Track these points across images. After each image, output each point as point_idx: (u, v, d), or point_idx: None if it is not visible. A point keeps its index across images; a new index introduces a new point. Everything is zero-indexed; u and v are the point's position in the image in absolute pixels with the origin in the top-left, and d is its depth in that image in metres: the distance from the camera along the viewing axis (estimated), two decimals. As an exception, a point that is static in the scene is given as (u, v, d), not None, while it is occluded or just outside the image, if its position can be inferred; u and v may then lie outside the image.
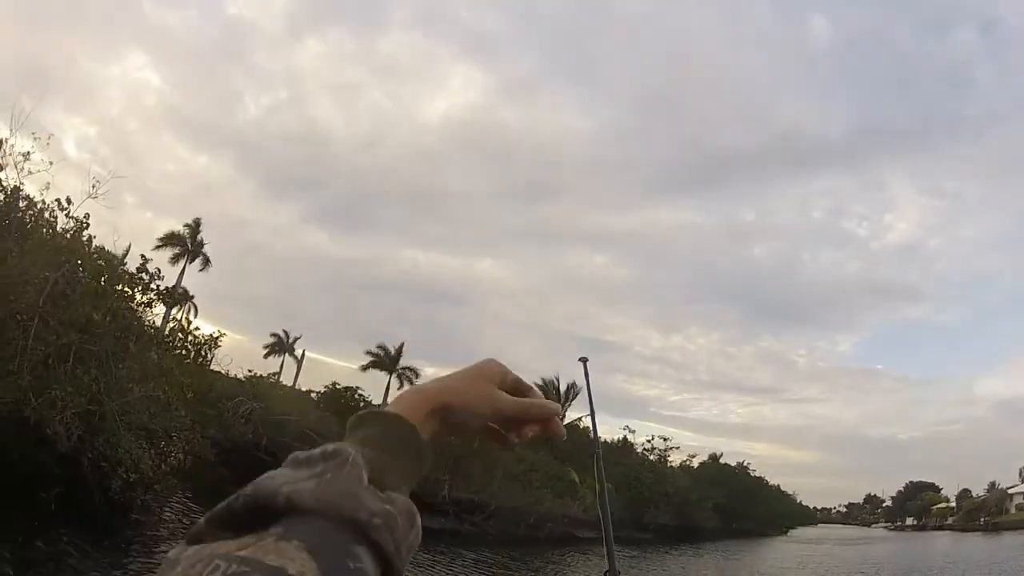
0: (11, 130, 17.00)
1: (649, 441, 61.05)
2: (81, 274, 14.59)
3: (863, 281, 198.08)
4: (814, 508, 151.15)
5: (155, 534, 14.82)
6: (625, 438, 59.39)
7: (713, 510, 54.51)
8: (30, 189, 16.78)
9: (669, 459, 60.42)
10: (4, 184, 16.99)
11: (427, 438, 0.79)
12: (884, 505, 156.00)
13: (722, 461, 70.49)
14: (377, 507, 0.62)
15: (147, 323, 17.69)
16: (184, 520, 16.67)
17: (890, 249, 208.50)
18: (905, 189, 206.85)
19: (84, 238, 15.53)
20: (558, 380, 50.81)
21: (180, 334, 20.45)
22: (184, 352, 20.72)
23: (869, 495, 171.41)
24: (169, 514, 16.80)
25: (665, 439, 61.93)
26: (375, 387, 53.99)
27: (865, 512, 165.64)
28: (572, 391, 49.62)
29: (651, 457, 58.18)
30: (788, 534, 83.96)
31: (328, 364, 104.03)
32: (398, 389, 55.73)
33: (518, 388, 0.92)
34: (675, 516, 49.03)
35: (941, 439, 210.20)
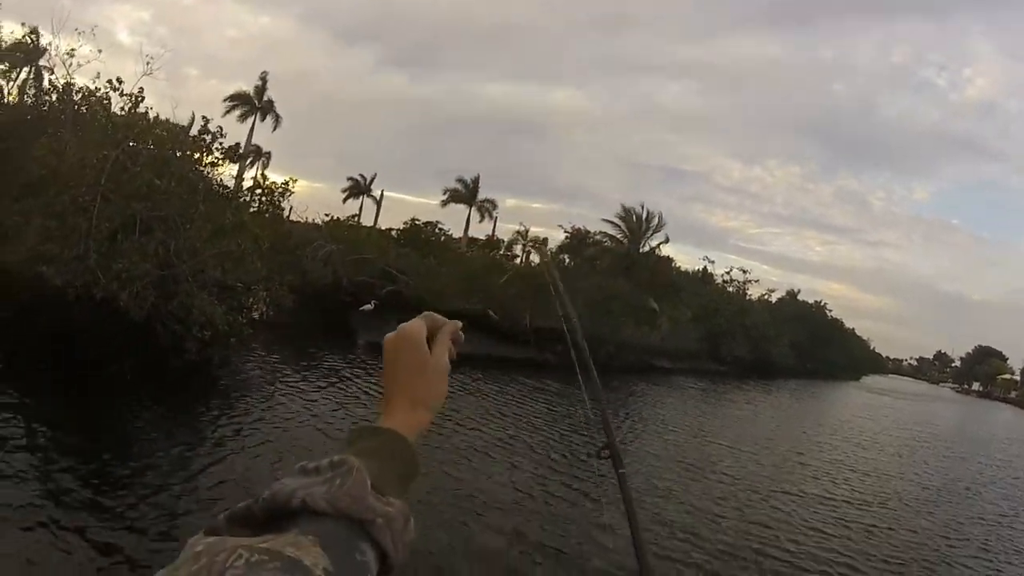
0: (54, 32, 17.53)
1: (728, 273, 60.53)
2: (140, 146, 14.93)
3: (940, 131, 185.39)
4: (886, 357, 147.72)
5: (236, 387, 15.42)
6: (704, 268, 58.80)
7: (789, 347, 53.83)
8: (82, 81, 17.37)
9: (747, 292, 59.80)
10: (55, 83, 17.67)
11: (415, 436, 0.94)
12: (953, 365, 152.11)
13: (800, 299, 69.06)
14: (380, 510, 0.73)
15: (216, 182, 18.12)
16: (266, 369, 17.39)
17: (969, 103, 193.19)
18: (986, 46, 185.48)
19: (141, 111, 15.84)
20: (643, 206, 49.98)
21: (256, 189, 21.21)
22: (259, 204, 21.54)
23: (939, 352, 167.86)
24: (251, 365, 17.34)
25: (744, 271, 61.13)
26: (455, 221, 54.71)
27: (935, 369, 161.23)
28: (651, 220, 49.36)
29: (729, 289, 57.71)
30: (860, 380, 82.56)
31: (407, 202, 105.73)
32: (479, 222, 56.49)
33: (433, 325, 1.08)
34: (751, 350, 48.64)
35: (1012, 307, 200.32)
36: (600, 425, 2.61)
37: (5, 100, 18.21)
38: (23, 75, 21.79)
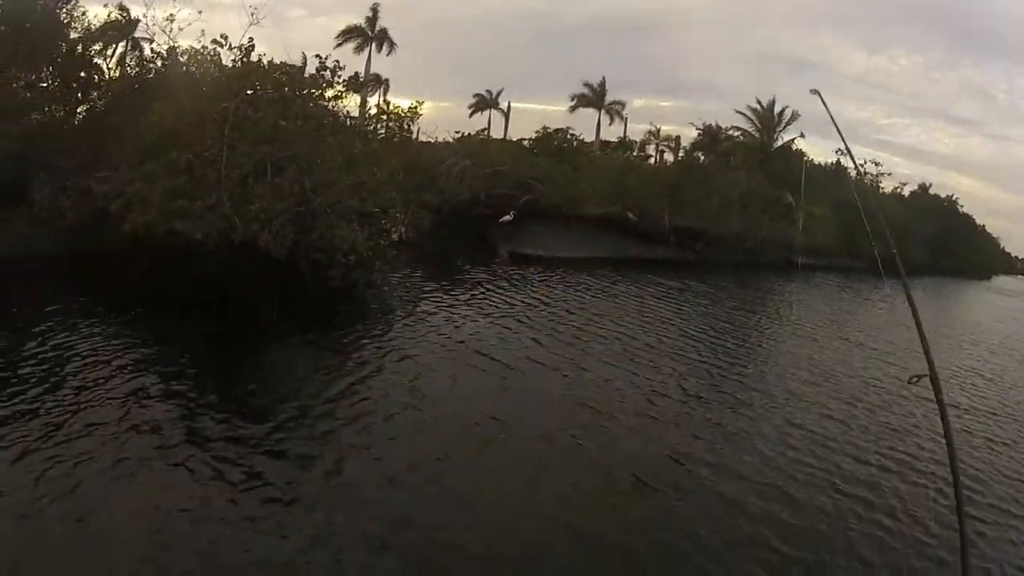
0: (146, 3, 18.19)
1: (861, 166, 56.66)
2: (260, 92, 15.31)
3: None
4: (1016, 258, 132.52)
5: (382, 309, 16.01)
6: (838, 161, 55.39)
7: (922, 243, 50.13)
8: (186, 43, 17.89)
9: (880, 185, 56.16)
10: (157, 50, 18.33)
11: None
12: None
13: (932, 192, 63.88)
14: None
15: (342, 115, 18.56)
16: (410, 288, 17.96)
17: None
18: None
19: (254, 60, 16.14)
20: (774, 100, 47.57)
21: (381, 116, 21.75)
22: (387, 130, 22.14)
23: None
24: (395, 286, 17.85)
25: (877, 164, 57.14)
26: (586, 126, 53.79)
27: None
28: (785, 114, 47.12)
29: (864, 181, 54.38)
30: (990, 280, 75.89)
31: (535, 111, 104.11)
32: (609, 125, 55.37)
33: None
34: (886, 246, 45.76)
35: None
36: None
37: (107, 76, 18.87)
38: (119, 49, 22.53)
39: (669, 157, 51.54)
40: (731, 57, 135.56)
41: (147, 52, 19.77)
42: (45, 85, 17.44)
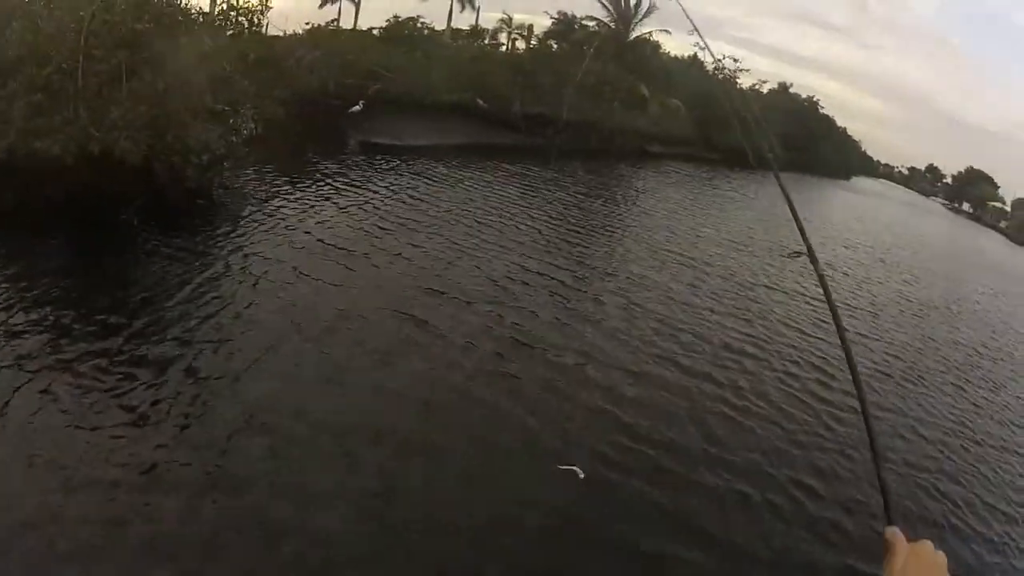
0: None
1: (719, 61, 58.77)
2: None
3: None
4: (877, 161, 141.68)
5: (240, 205, 16.62)
6: (695, 55, 57.33)
7: (778, 139, 53.88)
8: None
9: (738, 82, 58.62)
10: None
11: None
12: (944, 182, 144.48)
13: (792, 92, 67.44)
14: None
15: (194, 12, 18.69)
16: (264, 184, 18.64)
17: None
18: None
19: None
20: None
21: (231, 11, 21.94)
22: (236, 25, 22.40)
23: (931, 166, 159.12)
24: (249, 180, 18.43)
25: (736, 60, 59.30)
26: (437, 14, 53.34)
27: (925, 182, 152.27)
28: (642, 5, 48.19)
29: (720, 77, 56.50)
30: (849, 181, 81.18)
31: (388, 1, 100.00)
32: (460, 12, 55.16)
33: None
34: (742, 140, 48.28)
35: (1006, 137, 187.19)
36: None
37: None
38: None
39: (521, 45, 52.48)
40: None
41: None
42: None
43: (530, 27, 54.26)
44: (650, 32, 49.10)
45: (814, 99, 69.17)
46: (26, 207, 12.63)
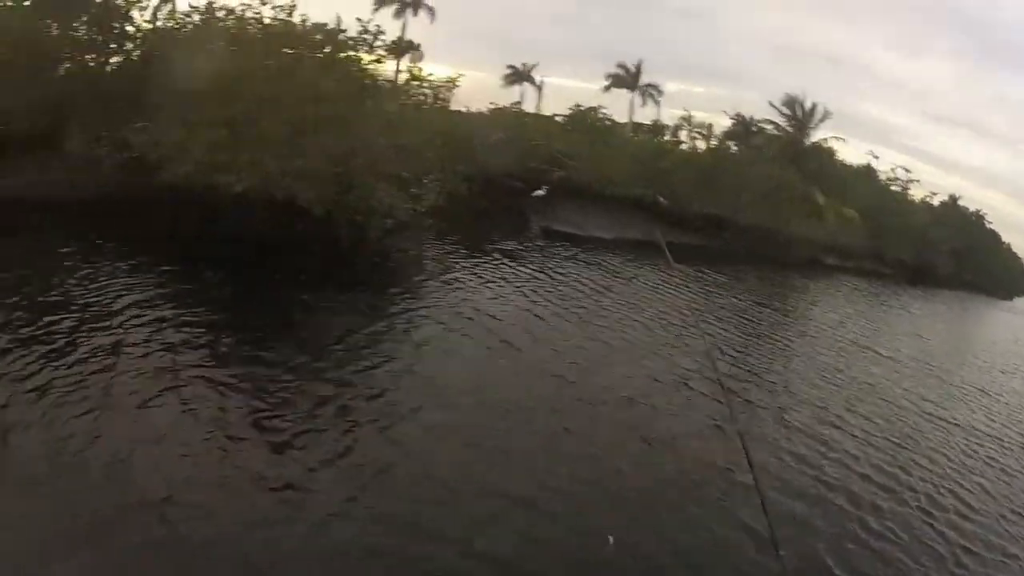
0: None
1: (892, 171, 55.19)
2: (302, 52, 15.52)
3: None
4: None
5: (416, 271, 16.24)
6: (868, 164, 54.53)
7: (949, 255, 49.20)
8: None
9: (910, 193, 55.23)
10: (195, 5, 17.80)
11: None
12: None
13: (960, 203, 62.34)
14: None
15: (380, 79, 18.38)
16: (442, 254, 18.14)
17: None
18: None
19: (296, 20, 16.24)
20: (806, 96, 46.60)
21: (415, 81, 21.40)
22: (422, 98, 21.80)
23: None
24: (429, 249, 18.10)
25: (907, 170, 55.95)
26: (618, 107, 52.99)
27: None
28: (817, 110, 45.84)
29: (893, 188, 53.55)
30: (1012, 301, 74.70)
31: (568, 87, 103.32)
32: (641, 106, 54.64)
33: None
34: (913, 253, 45.51)
35: None
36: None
37: (141, 29, 18.35)
38: (154, 1, 21.84)
39: (701, 144, 50.73)
40: (765, 49, 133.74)
41: (183, 6, 19.37)
42: (79, 35, 17.19)
43: (710, 126, 52.46)
44: (826, 138, 46.43)
45: (981, 213, 63.28)
46: (204, 237, 13.20)
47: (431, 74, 21.74)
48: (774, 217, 35.64)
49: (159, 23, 18.84)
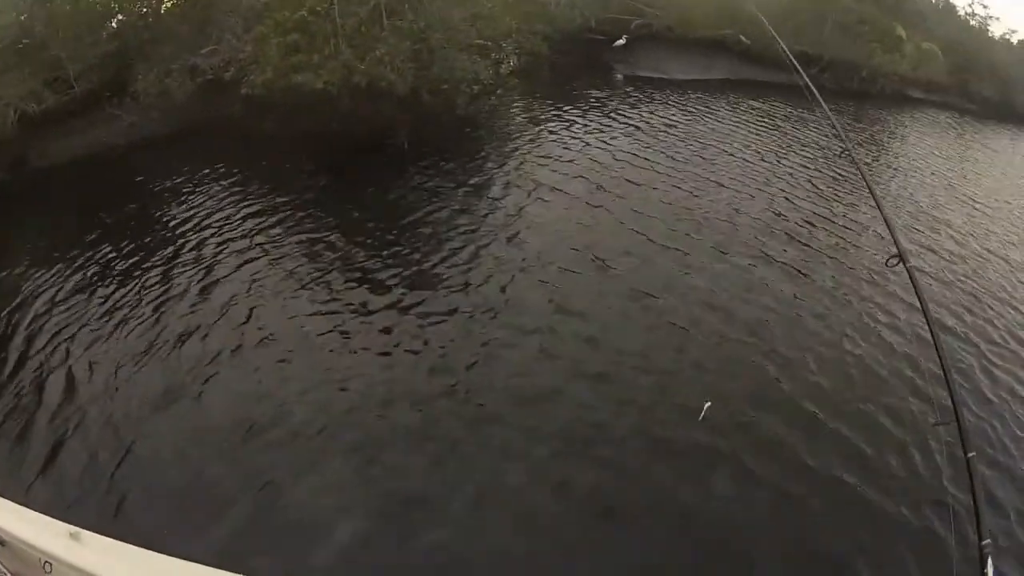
0: None
1: (970, 5, 50.43)
2: None
3: None
4: None
5: (509, 131, 16.72)
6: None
7: None
8: None
9: (989, 30, 50.48)
10: None
11: None
12: None
13: None
14: None
15: None
16: (534, 111, 18.54)
17: None
18: None
19: None
20: None
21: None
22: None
23: None
24: (516, 110, 18.44)
25: (985, 6, 51.04)
26: None
27: None
28: None
29: (972, 23, 49.35)
30: None
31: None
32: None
33: None
34: (997, 91, 42.24)
35: None
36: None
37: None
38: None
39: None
40: None
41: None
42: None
43: (795, -41, 49.70)
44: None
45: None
46: (287, 135, 13.69)
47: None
48: (857, 51, 34.77)
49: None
